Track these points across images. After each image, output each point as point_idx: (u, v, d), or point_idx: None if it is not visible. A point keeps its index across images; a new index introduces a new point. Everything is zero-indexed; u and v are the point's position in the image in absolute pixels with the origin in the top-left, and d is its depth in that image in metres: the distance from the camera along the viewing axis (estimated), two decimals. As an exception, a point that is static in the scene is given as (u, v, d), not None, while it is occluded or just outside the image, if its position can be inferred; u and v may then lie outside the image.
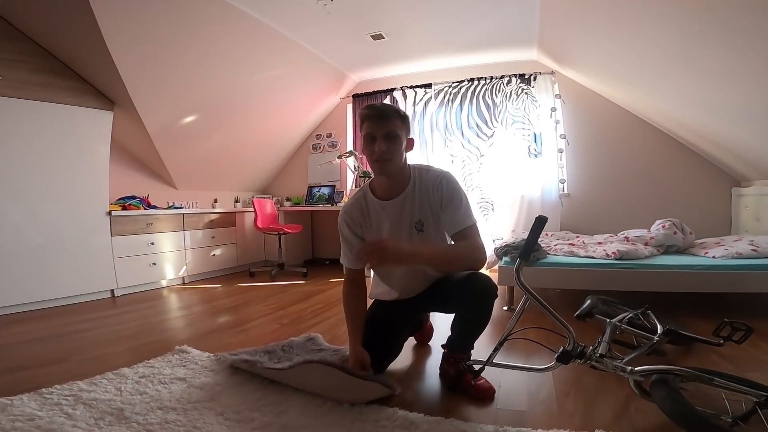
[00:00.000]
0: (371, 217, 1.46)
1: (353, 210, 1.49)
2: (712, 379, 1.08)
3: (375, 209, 1.46)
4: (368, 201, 1.48)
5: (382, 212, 1.44)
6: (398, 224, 1.42)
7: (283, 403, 1.32)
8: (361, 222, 1.48)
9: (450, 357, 1.48)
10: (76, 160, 2.98)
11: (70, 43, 2.75)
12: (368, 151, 1.35)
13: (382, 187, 1.45)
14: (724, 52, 2.08)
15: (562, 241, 3.15)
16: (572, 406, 1.29)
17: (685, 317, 2.21)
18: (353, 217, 1.48)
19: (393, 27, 3.39)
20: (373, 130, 1.32)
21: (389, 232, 1.43)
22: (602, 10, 2.46)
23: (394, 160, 1.34)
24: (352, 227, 1.49)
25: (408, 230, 1.42)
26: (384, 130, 1.31)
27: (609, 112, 3.75)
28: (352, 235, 1.49)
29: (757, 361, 1.62)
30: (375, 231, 1.46)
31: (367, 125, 1.34)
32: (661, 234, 2.71)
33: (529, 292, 1.24)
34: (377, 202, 1.45)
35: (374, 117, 1.32)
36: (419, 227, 1.41)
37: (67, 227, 2.91)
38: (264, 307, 2.74)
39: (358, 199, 1.50)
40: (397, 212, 1.42)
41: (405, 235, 1.42)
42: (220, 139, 4.05)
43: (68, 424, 1.18)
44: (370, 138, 1.33)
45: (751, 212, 3.11)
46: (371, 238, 1.45)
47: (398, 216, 1.42)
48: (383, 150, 1.30)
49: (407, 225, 1.41)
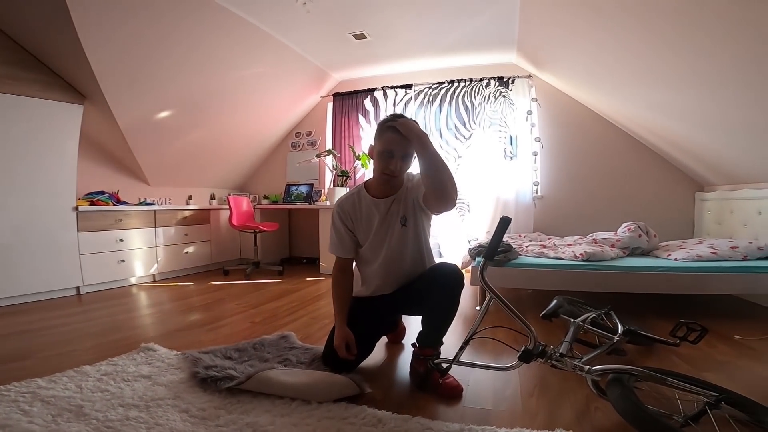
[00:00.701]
0: (362, 211, 1.57)
1: (346, 204, 1.60)
2: (664, 379, 1.12)
3: (367, 205, 1.57)
4: (362, 197, 1.59)
5: (374, 208, 1.56)
6: (387, 218, 1.55)
7: (251, 402, 1.30)
8: (352, 215, 1.59)
9: (420, 354, 1.50)
10: (44, 154, 2.87)
11: (41, 35, 2.65)
12: (383, 164, 1.43)
13: (378, 188, 1.56)
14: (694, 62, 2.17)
15: (533, 242, 3.22)
16: (536, 405, 1.32)
17: (648, 318, 2.29)
18: (345, 210, 1.59)
19: (376, 27, 3.40)
20: (394, 147, 1.39)
21: (379, 226, 1.55)
22: (578, 15, 2.54)
23: (400, 178, 1.50)
24: (344, 219, 1.59)
25: (395, 223, 1.55)
26: (404, 150, 1.40)
27: (582, 116, 3.86)
28: (343, 226, 1.60)
29: (713, 361, 1.67)
30: (365, 223, 1.57)
31: (389, 140, 1.39)
32: (627, 236, 2.81)
33: (493, 292, 1.27)
34: (370, 199, 1.57)
35: (400, 136, 1.37)
36: (403, 221, 1.54)
37: (32, 222, 2.79)
38: (237, 305, 2.70)
39: (353, 194, 1.62)
40: (387, 209, 1.54)
41: (392, 227, 1.55)
42: (196, 135, 3.95)
43: (24, 420, 1.15)
44: (388, 153, 1.40)
45: (713, 216, 3.26)
46: (361, 229, 1.58)
47: (387, 212, 1.54)
48: (399, 168, 1.41)
49: (395, 219, 1.55)
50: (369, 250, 1.59)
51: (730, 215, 3.03)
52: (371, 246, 1.58)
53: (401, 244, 1.55)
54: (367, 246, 1.59)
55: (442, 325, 1.51)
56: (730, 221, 3.02)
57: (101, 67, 2.78)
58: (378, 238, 1.56)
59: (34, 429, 1.11)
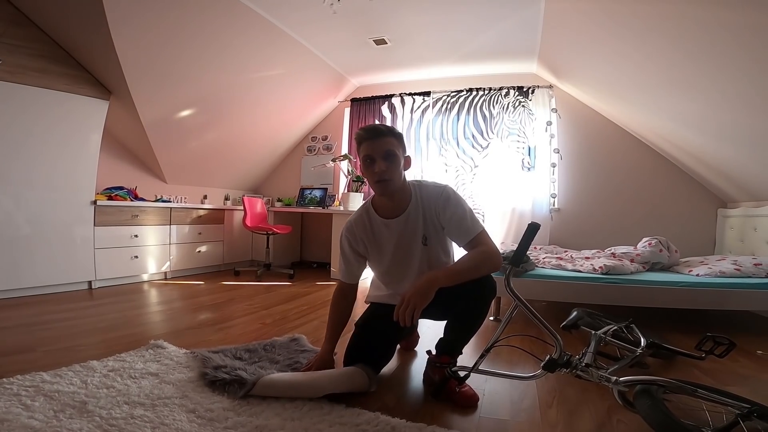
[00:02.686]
0: (374, 235, 1.47)
1: (356, 227, 1.48)
2: (695, 391, 1.08)
3: (379, 228, 1.46)
4: (371, 219, 1.47)
5: (386, 231, 1.44)
6: (404, 241, 1.43)
7: (260, 404, 1.27)
8: (364, 239, 1.48)
9: (436, 361, 1.46)
10: (67, 147, 2.92)
11: (75, 30, 2.72)
12: (368, 173, 1.34)
13: (385, 206, 1.44)
14: (718, 74, 2.13)
15: (550, 254, 3.16)
16: (555, 416, 1.27)
17: (667, 332, 2.25)
18: (356, 234, 1.49)
19: (397, 33, 3.41)
20: (370, 150, 1.32)
21: (396, 249, 1.44)
22: (603, 26, 2.51)
23: (394, 179, 1.35)
24: (353, 245, 1.50)
25: (415, 246, 1.43)
26: (382, 149, 1.31)
27: (602, 128, 3.80)
28: (351, 252, 1.50)
29: (736, 376, 1.64)
30: (379, 249, 1.47)
31: (365, 146, 1.33)
32: (647, 251, 2.74)
33: (519, 300, 1.23)
34: (381, 221, 1.45)
35: (370, 137, 1.32)
36: (424, 241, 1.42)
37: (50, 215, 2.82)
38: (247, 306, 2.69)
39: (361, 216, 1.49)
40: (402, 230, 1.42)
41: (413, 250, 1.43)
42: (214, 135, 4.00)
43: (24, 415, 1.13)
44: (369, 159, 1.33)
45: (736, 233, 3.16)
46: (375, 255, 1.47)
47: (403, 233, 1.42)
48: (383, 169, 1.30)
49: (414, 241, 1.42)
50: (389, 275, 1.51)
51: (753, 232, 2.94)
52: (391, 271, 1.49)
53: (426, 262, 1.46)
54: (385, 270, 1.50)
55: (467, 334, 1.46)
56: (753, 238, 2.93)
57: (129, 64, 2.84)
58: (397, 261, 1.46)
59: (33, 424, 1.08)
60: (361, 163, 1.37)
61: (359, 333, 1.52)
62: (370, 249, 1.48)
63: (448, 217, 1.38)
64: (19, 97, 2.65)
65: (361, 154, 1.36)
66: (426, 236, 1.42)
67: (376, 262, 1.52)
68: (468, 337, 1.46)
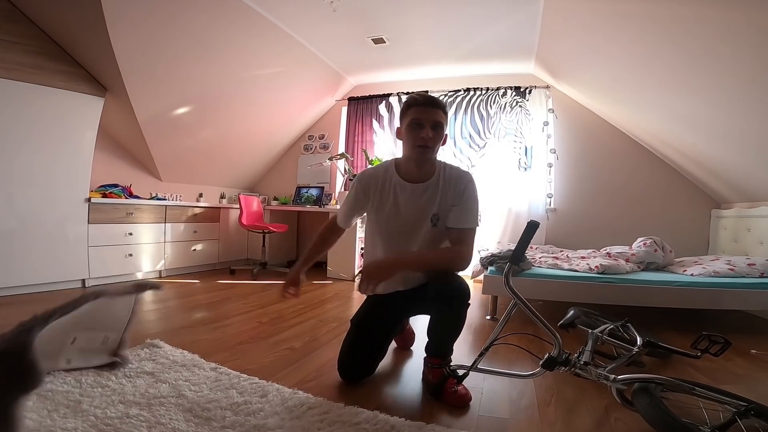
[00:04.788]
0: (388, 191, 1.46)
1: (372, 178, 1.49)
2: (693, 389, 1.08)
3: (395, 186, 1.45)
4: (390, 177, 1.47)
5: (401, 193, 1.44)
6: (416, 211, 1.43)
7: (259, 402, 1.26)
8: (374, 191, 1.47)
9: (429, 362, 1.46)
10: (61, 144, 2.89)
11: (71, 27, 2.68)
12: (412, 136, 1.35)
13: (410, 171, 1.44)
14: (711, 76, 2.15)
15: (546, 254, 3.17)
16: (554, 414, 1.27)
17: (662, 331, 2.27)
18: (367, 186, 1.49)
19: (395, 32, 3.40)
20: (421, 116, 1.34)
21: (405, 213, 1.43)
22: (600, 28, 2.53)
23: (435, 148, 1.38)
24: (359, 194, 1.50)
25: (424, 221, 1.43)
26: (432, 118, 1.34)
27: (599, 128, 3.82)
28: (355, 200, 1.52)
29: (731, 375, 1.66)
30: (386, 206, 1.45)
31: (416, 111, 1.35)
32: (642, 251, 2.76)
33: (519, 298, 1.23)
34: (399, 181, 1.45)
35: (424, 104, 1.35)
36: (434, 220, 1.42)
37: (44, 212, 2.79)
38: (243, 305, 2.67)
39: (378, 170, 1.50)
40: (417, 198, 1.43)
41: (422, 224, 1.43)
42: (210, 132, 3.97)
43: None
44: (416, 123, 1.34)
45: (730, 234, 3.20)
46: (382, 211, 1.46)
47: (417, 203, 1.43)
48: (430, 137, 1.33)
49: (424, 215, 1.42)
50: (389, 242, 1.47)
51: (746, 233, 2.97)
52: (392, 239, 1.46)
53: (425, 242, 1.44)
54: (384, 236, 1.47)
55: (448, 339, 1.45)
56: (747, 239, 2.96)
57: (126, 61, 2.81)
58: (403, 230, 1.44)
59: (27, 424, 1.06)
60: (406, 126, 1.38)
61: (355, 332, 1.53)
62: (375, 205, 1.48)
63: (464, 199, 1.41)
64: (14, 94, 2.62)
65: (408, 117, 1.37)
66: (437, 216, 1.42)
67: (376, 223, 1.49)
68: (450, 342, 1.45)
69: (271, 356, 1.73)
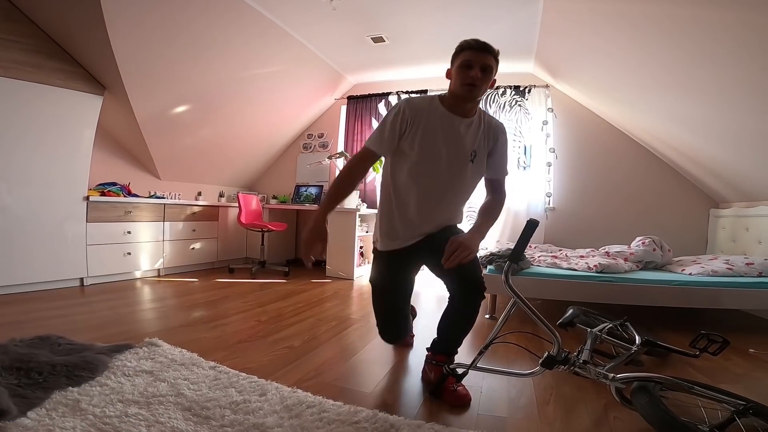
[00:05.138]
0: (429, 119, 1.46)
1: (411, 106, 1.46)
2: (692, 388, 1.09)
3: (439, 115, 1.46)
4: (434, 106, 1.48)
5: (444, 122, 1.45)
6: (456, 144, 1.45)
7: (258, 401, 1.26)
8: (414, 119, 1.45)
9: (433, 359, 1.46)
10: (60, 142, 2.88)
11: (70, 25, 2.67)
12: (462, 76, 1.39)
13: (455, 105, 1.47)
14: (710, 75, 2.15)
15: (545, 253, 3.17)
16: (553, 413, 1.28)
17: (661, 330, 2.27)
18: (408, 111, 1.45)
19: (395, 31, 3.40)
20: (472, 58, 1.38)
21: (445, 146, 1.45)
22: (600, 27, 2.53)
23: (481, 89, 1.41)
24: (408, 114, 1.45)
25: (464, 156, 1.47)
26: (482, 61, 1.38)
27: (598, 127, 3.82)
28: (392, 123, 1.46)
29: (730, 374, 1.66)
30: (426, 135, 1.45)
31: (468, 54, 1.39)
32: (641, 250, 2.77)
33: (518, 296, 1.23)
34: (444, 112, 1.47)
35: (477, 48, 1.39)
36: (473, 157, 1.47)
37: (42, 210, 2.77)
38: (242, 304, 2.66)
39: (423, 99, 1.50)
40: (460, 131, 1.46)
41: (460, 155, 1.46)
42: (209, 131, 3.96)
43: (16, 413, 1.10)
44: (467, 64, 1.38)
45: (728, 233, 3.20)
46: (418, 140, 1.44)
47: (459, 135, 1.46)
48: (479, 77, 1.37)
49: (464, 150, 1.46)
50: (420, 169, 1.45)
51: (744, 232, 2.98)
52: (424, 164, 1.44)
53: (460, 178, 1.47)
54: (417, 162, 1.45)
55: (460, 335, 1.47)
56: (745, 238, 2.97)
57: (125, 60, 2.80)
58: (438, 157, 1.44)
59: (25, 423, 1.06)
60: (457, 68, 1.41)
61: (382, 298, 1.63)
62: (413, 131, 1.45)
63: (499, 146, 1.51)
64: (13, 93, 2.61)
65: (459, 59, 1.40)
66: (476, 153, 1.47)
67: (410, 148, 1.46)
68: (460, 338, 1.47)
69: (270, 355, 1.73)
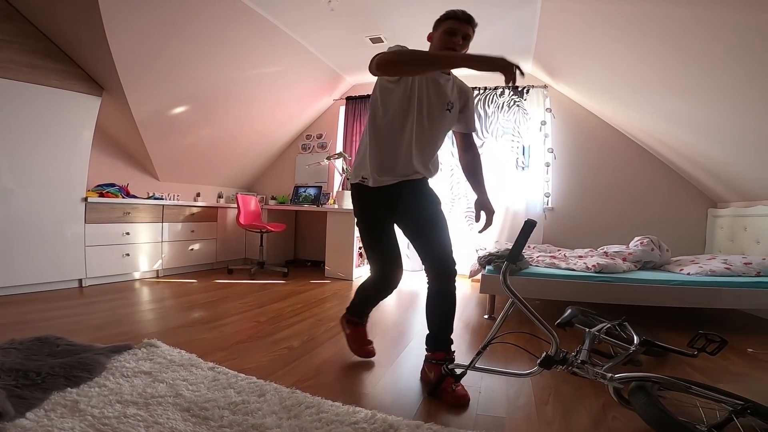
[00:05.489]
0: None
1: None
2: (689, 387, 1.09)
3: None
4: None
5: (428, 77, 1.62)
6: (437, 90, 1.60)
7: (257, 401, 1.26)
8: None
9: (432, 358, 1.46)
10: (58, 143, 2.87)
11: (67, 25, 2.67)
12: (444, 40, 1.56)
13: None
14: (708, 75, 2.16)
15: (543, 253, 3.18)
16: (551, 413, 1.28)
17: (659, 330, 2.28)
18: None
19: (393, 31, 3.40)
20: (457, 27, 1.55)
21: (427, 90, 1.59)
22: (598, 28, 2.53)
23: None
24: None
25: (443, 102, 1.62)
26: (464, 31, 1.56)
27: (596, 128, 3.83)
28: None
29: (728, 373, 1.67)
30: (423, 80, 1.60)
31: (453, 23, 1.56)
32: (640, 250, 2.77)
33: (516, 297, 1.23)
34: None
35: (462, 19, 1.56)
36: (449, 107, 1.63)
37: (40, 211, 2.77)
38: (241, 305, 2.66)
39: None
40: (440, 82, 1.61)
41: (439, 105, 1.61)
42: (208, 132, 3.96)
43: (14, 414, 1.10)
44: (451, 32, 1.55)
45: (726, 233, 3.21)
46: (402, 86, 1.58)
47: (439, 84, 1.61)
48: (459, 44, 1.55)
49: (443, 98, 1.61)
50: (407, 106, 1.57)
51: (743, 232, 2.98)
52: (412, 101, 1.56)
53: (439, 121, 1.60)
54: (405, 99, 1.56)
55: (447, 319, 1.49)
56: (743, 238, 2.98)
57: (123, 60, 2.79)
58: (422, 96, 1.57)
59: (24, 423, 1.06)
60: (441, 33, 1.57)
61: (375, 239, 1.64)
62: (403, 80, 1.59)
63: (470, 104, 1.70)
64: (10, 93, 2.60)
65: (444, 26, 1.57)
66: (452, 104, 1.63)
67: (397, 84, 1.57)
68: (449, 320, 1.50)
69: (269, 355, 1.73)
